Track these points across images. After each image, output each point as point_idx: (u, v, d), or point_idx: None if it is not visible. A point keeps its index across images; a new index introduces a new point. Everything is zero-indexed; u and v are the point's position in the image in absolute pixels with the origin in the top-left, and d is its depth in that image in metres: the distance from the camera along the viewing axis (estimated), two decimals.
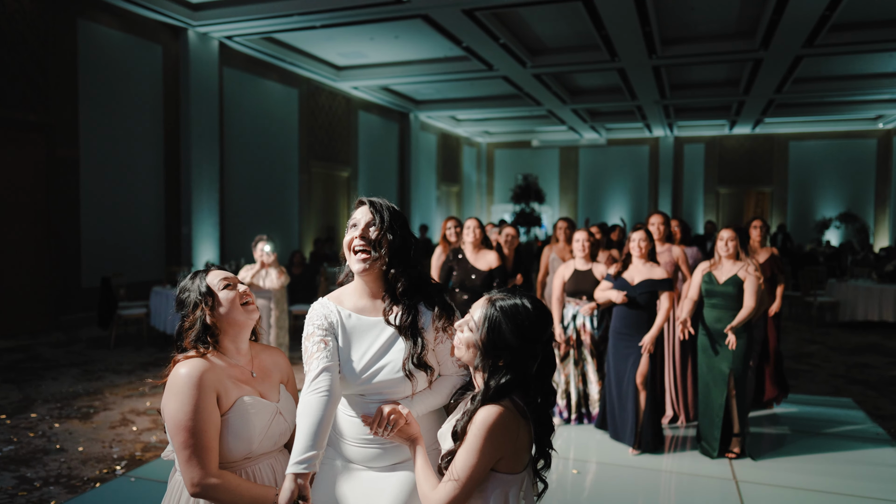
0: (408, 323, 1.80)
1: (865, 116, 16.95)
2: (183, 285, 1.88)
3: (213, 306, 1.84)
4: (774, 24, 9.10)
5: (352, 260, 1.85)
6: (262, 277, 5.83)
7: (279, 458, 1.91)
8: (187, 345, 1.81)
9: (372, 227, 1.83)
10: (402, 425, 1.74)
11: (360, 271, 1.83)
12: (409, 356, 1.78)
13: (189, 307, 1.84)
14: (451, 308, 1.90)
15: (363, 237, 1.82)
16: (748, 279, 4.28)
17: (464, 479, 1.54)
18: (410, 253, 1.87)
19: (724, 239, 4.41)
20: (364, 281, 1.87)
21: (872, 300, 9.70)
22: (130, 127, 9.23)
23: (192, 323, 1.82)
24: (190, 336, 1.81)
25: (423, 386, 1.82)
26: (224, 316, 1.85)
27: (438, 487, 1.58)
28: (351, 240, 1.84)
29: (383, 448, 1.80)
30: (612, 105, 15.53)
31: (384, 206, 1.87)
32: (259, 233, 9.13)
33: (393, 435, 1.73)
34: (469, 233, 5.18)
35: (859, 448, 4.65)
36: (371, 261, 1.81)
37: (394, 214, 1.86)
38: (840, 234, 18.21)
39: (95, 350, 7.50)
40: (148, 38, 9.41)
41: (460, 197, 20.95)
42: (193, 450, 1.67)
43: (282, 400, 1.92)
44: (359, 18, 9.13)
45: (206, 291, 1.85)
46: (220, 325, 1.84)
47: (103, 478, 3.95)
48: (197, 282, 1.87)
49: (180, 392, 1.70)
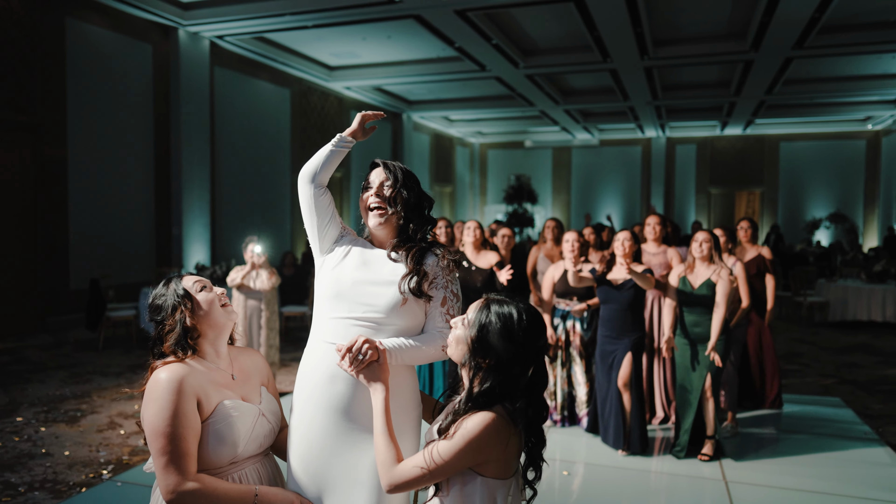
0: (414, 253, 1.85)
1: (855, 118, 17.06)
2: (157, 292, 1.85)
3: (192, 308, 1.82)
4: (765, 25, 9.14)
5: (368, 218, 1.91)
6: (252, 279, 5.80)
7: (265, 463, 1.89)
8: (166, 349, 1.78)
9: (386, 185, 1.89)
10: (374, 360, 1.71)
11: (376, 225, 1.89)
12: (409, 274, 1.80)
13: (167, 311, 1.81)
14: (458, 252, 1.99)
15: (378, 195, 1.88)
16: (720, 283, 4.25)
17: (432, 470, 1.55)
18: (426, 210, 1.93)
19: (699, 241, 4.38)
20: (380, 238, 1.92)
21: (861, 300, 9.75)
22: (120, 127, 9.17)
23: (171, 327, 1.79)
24: (170, 340, 1.78)
25: (412, 321, 1.83)
26: (204, 318, 1.83)
27: (405, 463, 1.59)
28: (366, 198, 1.90)
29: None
30: (604, 106, 15.56)
31: (397, 166, 1.94)
32: (251, 234, 9.09)
33: (361, 368, 1.70)
34: (469, 233, 5.19)
35: (848, 448, 4.66)
36: (388, 216, 1.87)
37: (406, 174, 1.93)
38: (830, 234, 18.31)
39: (83, 352, 7.44)
40: (138, 38, 9.35)
41: (453, 197, 20.94)
42: (171, 456, 1.64)
43: (264, 402, 1.89)
44: (351, 18, 9.10)
45: (184, 294, 1.83)
46: (201, 328, 1.82)
47: (89, 482, 3.91)
48: (172, 286, 1.84)
49: (160, 397, 1.66)
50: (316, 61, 12.28)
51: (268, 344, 5.86)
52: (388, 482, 1.60)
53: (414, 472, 1.57)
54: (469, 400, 1.60)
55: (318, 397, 1.80)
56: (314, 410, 1.81)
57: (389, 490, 1.61)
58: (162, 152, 9.79)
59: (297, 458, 1.83)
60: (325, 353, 1.81)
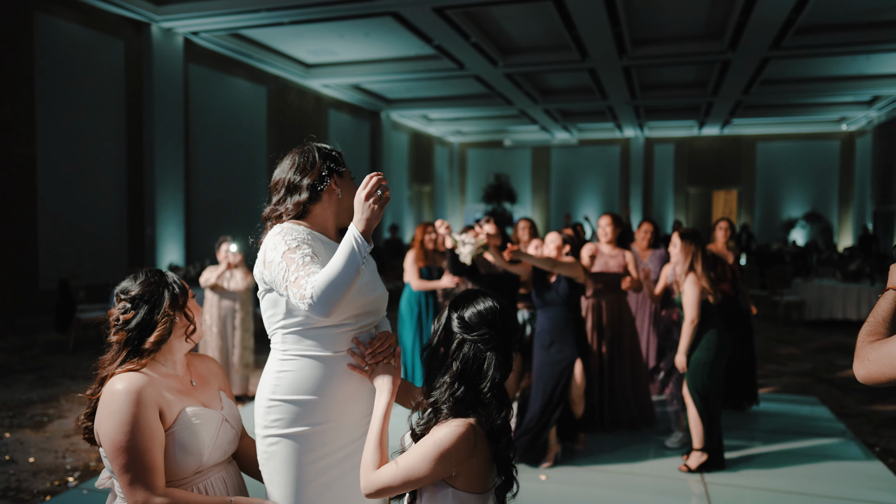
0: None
1: (829, 118, 17.31)
2: (145, 279, 1.71)
3: (184, 308, 1.73)
4: (742, 26, 9.20)
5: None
6: (226, 279, 5.68)
7: (229, 471, 1.81)
8: (148, 345, 1.66)
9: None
10: (395, 357, 1.75)
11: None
12: None
13: (164, 302, 1.68)
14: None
15: None
16: (685, 290, 4.13)
17: (401, 480, 1.52)
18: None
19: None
20: (330, 227, 1.89)
21: (837, 299, 9.86)
22: (91, 124, 8.96)
23: (164, 322, 1.67)
24: (154, 337, 1.66)
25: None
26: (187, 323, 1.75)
27: (381, 470, 1.56)
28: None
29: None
30: (583, 105, 15.59)
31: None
32: (226, 233, 8.92)
33: (383, 364, 1.72)
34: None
35: (825, 447, 4.68)
36: None
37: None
38: (806, 233, 18.56)
39: (52, 355, 7.25)
40: (109, 33, 9.14)
41: (432, 197, 20.87)
42: (135, 472, 1.54)
43: (225, 407, 1.82)
44: (327, 15, 8.98)
45: (183, 290, 1.74)
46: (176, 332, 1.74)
47: (55, 490, 3.78)
48: (169, 278, 1.74)
49: (118, 410, 1.57)
50: (293, 59, 12.13)
51: (242, 346, 5.74)
52: (364, 486, 1.58)
53: (386, 480, 1.53)
54: (443, 405, 1.55)
55: (358, 413, 1.79)
56: (353, 434, 1.79)
57: (367, 494, 1.58)
58: (134, 150, 9.59)
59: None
60: (346, 368, 1.77)
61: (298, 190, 1.82)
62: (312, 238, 1.76)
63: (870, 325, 1.49)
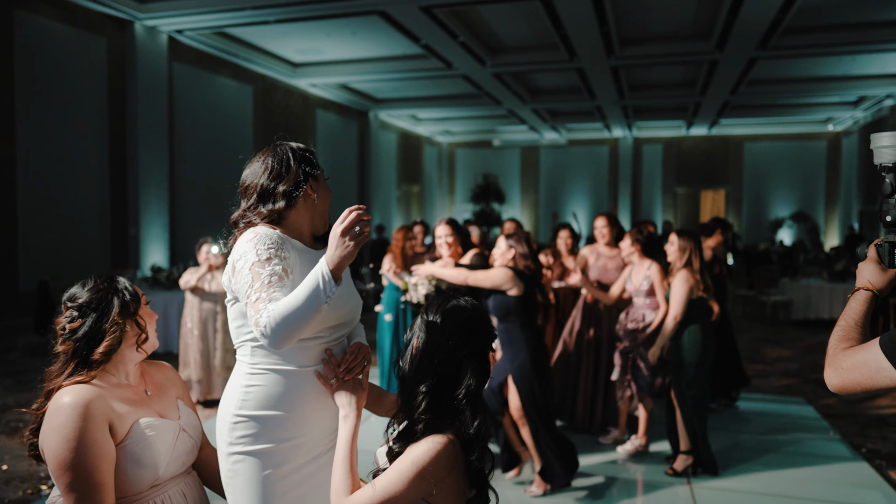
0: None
1: (816, 119, 17.40)
2: (93, 285, 1.63)
3: (135, 316, 1.66)
4: (729, 26, 9.20)
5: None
6: (207, 281, 5.60)
7: (189, 482, 1.73)
8: (97, 355, 1.58)
9: None
10: (366, 369, 1.73)
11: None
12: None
13: (113, 310, 1.60)
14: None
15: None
16: (674, 286, 4.08)
17: (381, 502, 1.44)
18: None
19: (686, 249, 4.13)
20: (307, 232, 1.81)
21: (823, 299, 9.88)
22: (73, 123, 8.82)
23: (113, 331, 1.59)
24: (103, 347, 1.58)
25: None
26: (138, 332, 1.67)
27: (356, 495, 1.48)
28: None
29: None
30: (571, 105, 15.58)
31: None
32: (212, 234, 8.83)
33: (351, 375, 1.67)
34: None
35: (811, 448, 4.66)
36: None
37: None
38: (793, 233, 18.65)
39: (31, 359, 7.13)
40: (92, 31, 9.01)
41: (421, 197, 20.80)
42: (83, 491, 1.46)
43: (182, 416, 1.74)
44: (314, 14, 8.90)
45: (135, 297, 1.66)
46: (127, 341, 1.66)
47: (27, 499, 3.69)
48: (120, 284, 1.67)
49: (63, 426, 1.48)
50: (279, 58, 12.03)
51: (224, 348, 5.65)
52: None
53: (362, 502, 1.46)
54: (419, 416, 1.49)
55: (327, 428, 1.72)
56: (321, 448, 1.72)
57: None
58: (118, 150, 9.46)
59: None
60: (315, 380, 1.70)
61: (273, 197, 1.71)
62: (286, 245, 1.67)
63: (841, 329, 1.40)
